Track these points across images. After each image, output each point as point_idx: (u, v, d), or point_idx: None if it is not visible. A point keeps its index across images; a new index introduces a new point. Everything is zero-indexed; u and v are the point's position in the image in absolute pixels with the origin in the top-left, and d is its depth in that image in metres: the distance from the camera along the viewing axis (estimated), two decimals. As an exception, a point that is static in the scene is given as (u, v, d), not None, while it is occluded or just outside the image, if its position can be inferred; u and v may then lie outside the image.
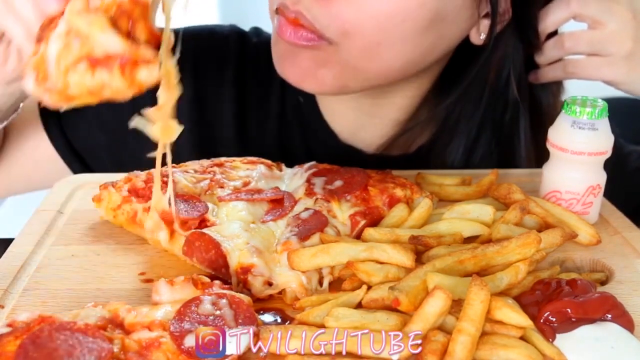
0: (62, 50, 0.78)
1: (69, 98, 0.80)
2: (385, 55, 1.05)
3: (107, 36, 0.77)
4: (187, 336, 0.73)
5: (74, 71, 0.77)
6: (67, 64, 0.78)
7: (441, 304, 0.75)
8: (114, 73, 0.77)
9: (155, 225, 0.94)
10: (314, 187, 1.01)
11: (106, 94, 0.79)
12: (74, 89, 0.78)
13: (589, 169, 1.01)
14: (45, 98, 0.81)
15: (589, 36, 1.19)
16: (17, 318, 0.76)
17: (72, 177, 1.17)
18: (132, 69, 0.77)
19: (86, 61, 0.78)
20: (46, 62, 0.79)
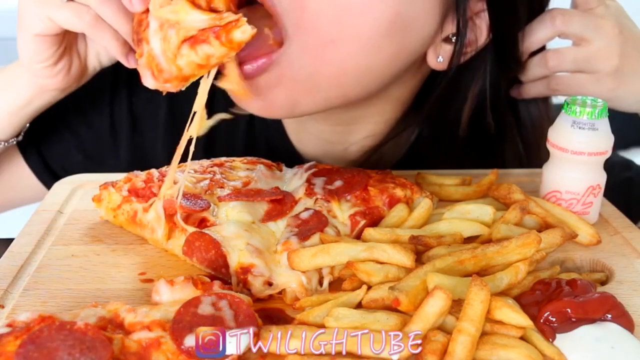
0: (164, 44, 0.89)
1: (185, 79, 0.91)
2: (338, 55, 0.97)
3: (192, 16, 0.88)
4: (187, 336, 0.73)
5: (180, 55, 0.88)
6: (173, 52, 0.88)
7: (441, 304, 0.75)
8: (213, 44, 0.87)
9: (156, 218, 0.94)
10: (314, 187, 1.01)
11: (214, 63, 0.90)
12: (186, 69, 0.89)
13: (589, 169, 1.01)
14: (167, 87, 0.92)
15: (574, 54, 1.16)
16: (17, 318, 0.76)
17: (72, 177, 1.17)
18: (227, 34, 0.87)
19: (187, 44, 0.88)
20: (155, 58, 0.90)
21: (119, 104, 1.33)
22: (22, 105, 1.16)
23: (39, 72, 1.09)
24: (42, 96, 1.15)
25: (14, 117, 1.18)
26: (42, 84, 1.12)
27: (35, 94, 1.14)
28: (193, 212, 0.93)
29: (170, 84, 0.91)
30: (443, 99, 1.18)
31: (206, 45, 0.87)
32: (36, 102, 1.16)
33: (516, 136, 1.27)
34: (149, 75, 0.92)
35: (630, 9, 1.24)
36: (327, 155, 1.30)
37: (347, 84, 1.02)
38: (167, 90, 0.93)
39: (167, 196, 0.94)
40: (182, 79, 0.91)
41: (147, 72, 0.91)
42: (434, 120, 1.23)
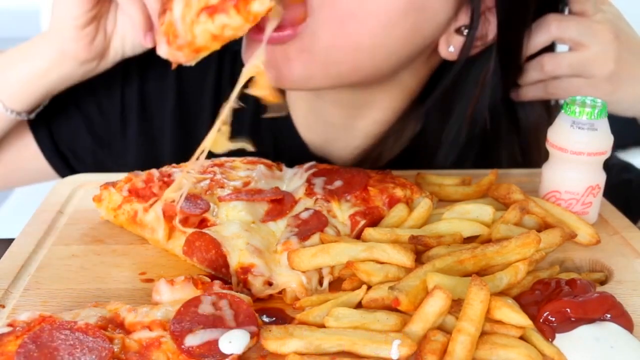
0: (185, 9, 0.91)
1: (197, 49, 0.93)
2: (356, 29, 1.01)
3: None
4: (187, 336, 0.73)
5: (198, 23, 0.90)
6: (192, 18, 0.90)
7: (441, 304, 0.75)
8: (230, 14, 0.89)
9: (156, 219, 0.95)
10: (314, 187, 1.01)
11: (228, 34, 0.92)
12: (200, 38, 0.91)
13: (589, 169, 1.01)
14: (179, 56, 0.94)
15: (570, 59, 1.17)
16: (18, 318, 0.76)
17: (72, 177, 1.17)
18: (245, 5, 0.88)
19: (205, 12, 0.90)
20: (174, 25, 0.93)
21: (130, 90, 1.35)
22: (40, 74, 1.18)
23: (65, 32, 1.12)
24: (61, 65, 1.17)
25: (31, 87, 1.20)
26: (64, 48, 1.15)
27: (55, 60, 1.17)
28: (193, 216, 0.93)
29: (182, 53, 0.93)
30: (449, 92, 1.19)
31: (223, 14, 0.89)
32: (54, 72, 1.18)
33: (513, 138, 1.27)
34: (164, 41, 0.94)
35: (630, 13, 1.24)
36: (332, 144, 1.31)
37: (361, 60, 1.06)
38: (177, 59, 0.95)
39: (168, 199, 0.95)
40: (194, 49, 0.93)
41: (164, 38, 0.94)
42: (438, 113, 1.24)
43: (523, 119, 1.26)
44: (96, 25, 1.14)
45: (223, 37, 0.92)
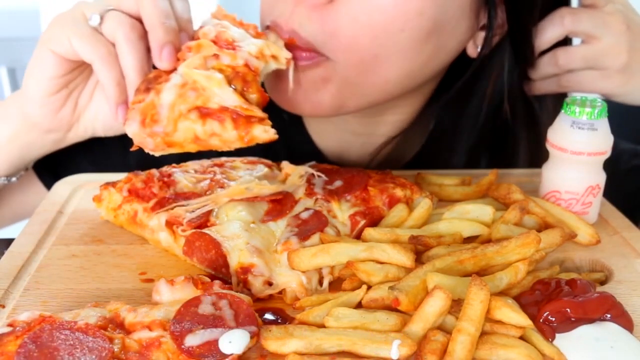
0: (177, 99, 0.87)
1: (170, 144, 0.89)
2: (382, 68, 1.03)
3: (224, 91, 0.88)
4: (187, 336, 0.73)
5: (186, 118, 0.87)
6: (181, 111, 0.87)
7: (441, 304, 0.75)
8: (225, 126, 0.86)
9: (158, 226, 0.95)
10: (314, 187, 1.01)
11: (213, 143, 0.88)
12: (180, 134, 0.88)
13: (589, 169, 1.01)
14: (148, 142, 0.89)
15: (584, 52, 1.17)
16: (18, 318, 0.76)
17: (72, 177, 1.17)
18: (246, 125, 0.86)
19: (198, 112, 0.87)
20: (156, 108, 0.88)
21: None
22: (7, 140, 1.13)
23: (31, 96, 1.06)
24: (26, 133, 1.12)
25: (5, 150, 1.14)
26: (27, 112, 1.08)
27: (20, 126, 1.11)
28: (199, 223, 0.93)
29: (152, 141, 0.88)
30: (464, 86, 1.20)
31: (217, 123, 0.86)
32: (20, 139, 1.13)
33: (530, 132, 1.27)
34: (137, 121, 0.89)
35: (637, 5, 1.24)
36: (349, 149, 1.31)
37: (390, 90, 1.09)
38: (144, 145, 0.89)
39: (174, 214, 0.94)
40: (168, 142, 0.88)
41: (138, 118, 0.89)
42: (453, 109, 1.24)
43: (538, 112, 1.27)
44: (66, 95, 1.07)
45: (206, 144, 0.88)
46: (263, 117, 0.87)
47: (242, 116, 0.86)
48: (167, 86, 0.89)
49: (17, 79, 2.89)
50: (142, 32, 0.97)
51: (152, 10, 0.95)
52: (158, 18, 0.95)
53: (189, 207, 0.94)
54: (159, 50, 0.93)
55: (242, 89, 0.90)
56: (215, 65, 0.91)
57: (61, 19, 1.00)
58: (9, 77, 2.89)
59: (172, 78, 0.90)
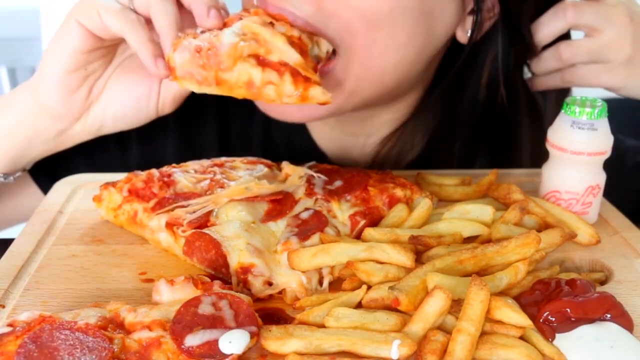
0: (240, 40, 0.86)
1: (220, 82, 0.87)
2: (381, 54, 1.02)
3: (287, 47, 0.87)
4: (187, 336, 0.73)
5: (245, 61, 0.85)
6: (241, 53, 0.85)
7: (441, 304, 0.75)
8: (284, 79, 0.86)
9: (158, 227, 0.95)
10: (314, 187, 1.01)
11: (266, 92, 0.87)
12: (235, 74, 0.86)
13: (589, 169, 1.01)
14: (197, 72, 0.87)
15: (587, 45, 1.17)
16: (18, 318, 0.76)
17: (72, 177, 1.17)
18: (304, 83, 0.86)
19: (256, 59, 0.86)
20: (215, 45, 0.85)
21: None
22: (12, 129, 1.11)
23: (50, 70, 1.05)
24: (34, 120, 1.10)
25: (4, 142, 1.12)
26: (41, 93, 1.07)
27: (28, 111, 1.09)
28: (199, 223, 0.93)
29: (202, 73, 0.86)
30: (461, 72, 1.19)
31: (276, 74, 0.85)
32: (26, 127, 1.10)
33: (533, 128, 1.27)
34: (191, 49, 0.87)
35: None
36: (349, 149, 1.31)
37: (385, 83, 1.07)
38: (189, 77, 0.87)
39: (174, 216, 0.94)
40: (218, 79, 0.86)
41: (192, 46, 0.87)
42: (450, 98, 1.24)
43: (542, 106, 1.27)
44: (82, 77, 1.06)
45: (258, 92, 0.87)
46: (319, 82, 0.87)
47: (302, 75, 0.86)
48: (226, 31, 0.87)
49: (17, 79, 2.89)
50: (175, 2, 0.97)
51: None
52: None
53: (189, 209, 0.94)
54: (206, 9, 0.92)
55: (302, 50, 0.89)
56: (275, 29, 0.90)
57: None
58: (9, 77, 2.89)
59: (233, 25, 0.88)
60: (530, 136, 1.26)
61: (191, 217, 0.93)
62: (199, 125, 1.33)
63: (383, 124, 1.27)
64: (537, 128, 1.25)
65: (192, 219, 0.92)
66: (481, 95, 1.22)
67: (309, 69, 0.88)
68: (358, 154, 1.31)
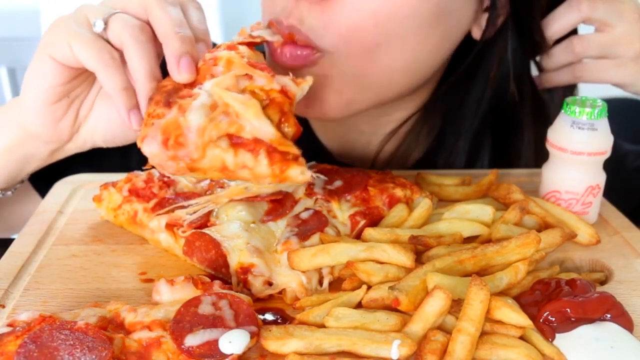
0: (207, 123, 0.78)
1: (193, 169, 0.80)
2: (386, 57, 1.01)
3: (260, 121, 0.78)
4: (187, 336, 0.73)
5: (216, 146, 0.78)
6: (211, 138, 0.78)
7: (441, 304, 0.75)
8: (259, 160, 0.78)
9: (158, 228, 0.95)
10: (314, 187, 1.01)
11: (242, 175, 0.80)
12: (207, 161, 0.79)
13: (589, 169, 1.01)
14: (168, 165, 0.80)
15: (599, 39, 1.18)
16: (18, 318, 0.76)
17: (72, 177, 1.17)
18: (282, 162, 0.78)
19: (228, 140, 0.78)
20: (182, 130, 0.78)
21: None
22: (5, 150, 1.07)
23: (31, 105, 0.99)
24: (24, 144, 1.07)
25: (1, 161, 1.08)
26: (26, 124, 1.03)
27: (18, 137, 1.06)
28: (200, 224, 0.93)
29: (174, 165, 0.79)
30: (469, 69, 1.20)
31: (250, 155, 0.78)
32: (18, 150, 1.07)
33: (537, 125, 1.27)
34: (158, 140, 0.79)
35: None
36: (355, 147, 1.31)
37: (396, 81, 1.07)
38: (162, 168, 0.81)
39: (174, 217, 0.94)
40: (191, 168, 0.80)
41: (159, 137, 0.79)
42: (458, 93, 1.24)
43: (550, 105, 1.27)
44: (67, 105, 1.01)
45: (233, 175, 0.80)
46: (298, 155, 0.80)
47: (279, 152, 0.78)
48: (194, 105, 0.79)
49: (17, 79, 2.89)
50: (151, 35, 0.90)
51: (164, 17, 0.88)
52: (171, 26, 0.87)
53: (189, 209, 0.94)
54: (175, 61, 0.85)
55: (279, 120, 0.82)
56: (248, 87, 0.82)
57: (62, 23, 0.93)
58: (9, 77, 2.89)
59: (199, 95, 0.81)
60: (533, 135, 1.27)
61: (191, 218, 0.93)
62: None
63: (392, 124, 1.27)
64: (540, 127, 1.26)
65: (192, 220, 0.92)
66: (488, 92, 1.22)
67: (286, 142, 0.80)
68: (362, 151, 1.31)
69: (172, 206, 0.96)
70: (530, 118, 1.26)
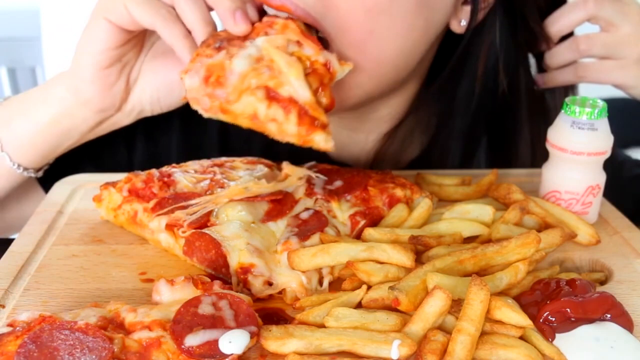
0: (250, 71, 0.82)
1: (225, 111, 0.84)
2: (377, 47, 1.02)
3: (300, 83, 0.83)
4: (187, 336, 0.73)
5: (252, 93, 0.82)
6: (250, 85, 0.82)
7: (441, 304, 0.75)
8: (289, 118, 0.82)
9: (158, 229, 0.95)
10: (314, 187, 1.01)
11: (269, 128, 0.84)
12: (240, 106, 0.83)
13: (589, 169, 1.01)
14: (203, 100, 0.84)
15: (603, 38, 1.18)
16: (18, 318, 0.76)
17: (72, 177, 1.17)
18: (309, 126, 0.82)
19: (265, 91, 0.82)
20: (225, 71, 0.83)
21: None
22: (50, 122, 1.09)
23: (84, 71, 1.04)
24: (73, 113, 1.09)
25: (40, 138, 1.11)
26: (79, 90, 1.06)
27: (67, 105, 1.08)
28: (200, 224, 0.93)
29: (209, 101, 0.84)
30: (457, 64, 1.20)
31: (282, 111, 0.82)
32: (65, 120, 1.09)
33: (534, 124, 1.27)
34: (201, 75, 0.84)
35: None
36: (348, 145, 1.31)
37: (384, 74, 1.07)
38: (196, 102, 0.85)
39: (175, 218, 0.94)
40: (223, 109, 0.84)
41: (202, 73, 0.84)
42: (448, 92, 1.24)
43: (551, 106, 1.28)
44: (119, 70, 1.05)
45: (261, 126, 0.84)
46: (325, 125, 0.84)
47: (309, 115, 0.83)
48: (242, 53, 0.84)
49: (17, 79, 2.89)
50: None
51: None
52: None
53: (189, 210, 0.94)
54: (231, 14, 0.90)
55: (317, 88, 0.86)
56: (295, 52, 0.87)
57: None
58: (8, 77, 2.89)
59: (247, 46, 0.85)
60: (530, 130, 1.27)
61: (191, 218, 0.93)
62: (200, 124, 1.33)
63: (381, 119, 1.27)
64: (538, 122, 1.26)
65: (192, 220, 0.92)
66: (477, 86, 1.22)
67: (318, 109, 0.84)
68: (358, 151, 1.31)
69: (172, 206, 0.96)
70: (527, 115, 1.26)
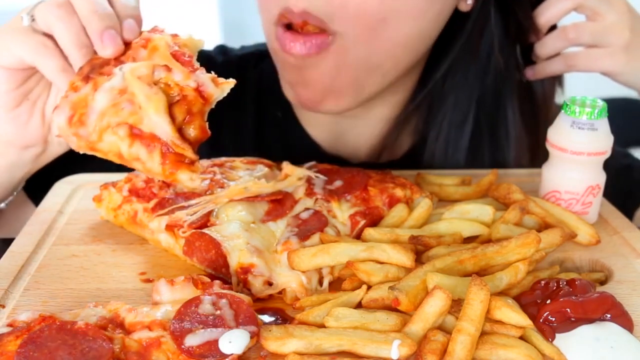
0: (110, 108, 0.79)
1: (94, 149, 0.81)
2: (390, 31, 1.04)
3: (160, 119, 0.78)
4: (187, 336, 0.73)
5: (113, 133, 0.79)
6: (110, 124, 0.78)
7: (441, 304, 0.75)
8: (153, 156, 0.78)
9: (158, 229, 0.95)
10: (314, 187, 1.01)
11: (135, 166, 0.80)
12: (105, 146, 0.80)
13: (589, 169, 1.01)
14: (71, 140, 0.81)
15: (591, 27, 1.20)
16: (18, 318, 0.76)
17: (72, 177, 1.17)
18: (174, 163, 0.79)
19: (128, 129, 0.78)
20: (87, 108, 0.79)
21: None
22: None
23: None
24: (5, 153, 1.05)
25: None
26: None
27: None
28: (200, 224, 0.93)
29: (76, 141, 0.81)
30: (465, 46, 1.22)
31: (145, 150, 0.79)
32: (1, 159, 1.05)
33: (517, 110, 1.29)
34: (66, 115, 0.81)
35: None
36: (344, 136, 1.32)
37: (400, 55, 1.10)
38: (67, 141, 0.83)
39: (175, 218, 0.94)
40: (90, 147, 0.81)
41: (67, 111, 0.81)
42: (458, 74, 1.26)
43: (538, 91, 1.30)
44: (29, 107, 1.01)
45: (128, 164, 0.81)
46: (194, 160, 0.80)
47: (173, 152, 0.79)
48: (105, 86, 0.81)
49: None
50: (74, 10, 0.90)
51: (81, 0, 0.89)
52: (88, 7, 0.88)
53: (189, 210, 0.94)
54: (99, 37, 0.86)
55: (183, 119, 0.81)
56: (162, 79, 0.82)
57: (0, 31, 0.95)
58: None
59: (114, 76, 0.82)
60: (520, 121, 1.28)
61: (191, 218, 0.93)
62: None
63: (382, 106, 1.28)
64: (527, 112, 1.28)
65: (193, 220, 0.92)
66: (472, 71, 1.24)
67: (182, 145, 0.79)
68: (353, 140, 1.32)
69: (172, 206, 0.96)
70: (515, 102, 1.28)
